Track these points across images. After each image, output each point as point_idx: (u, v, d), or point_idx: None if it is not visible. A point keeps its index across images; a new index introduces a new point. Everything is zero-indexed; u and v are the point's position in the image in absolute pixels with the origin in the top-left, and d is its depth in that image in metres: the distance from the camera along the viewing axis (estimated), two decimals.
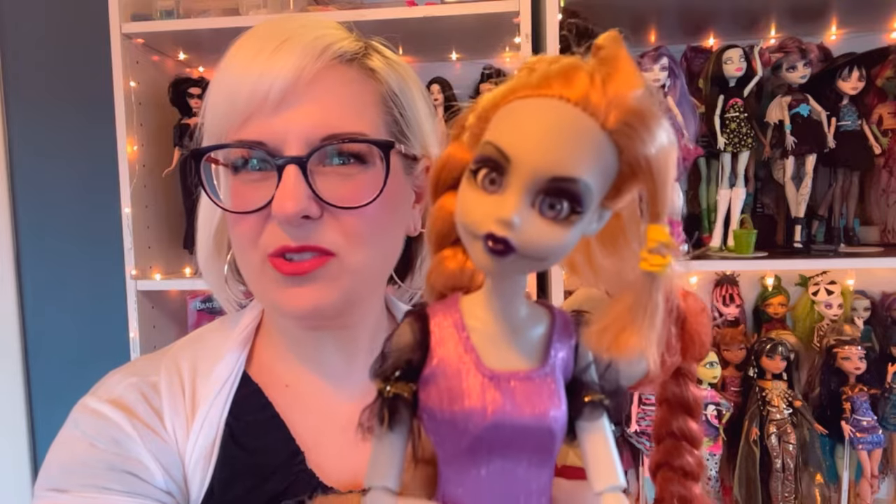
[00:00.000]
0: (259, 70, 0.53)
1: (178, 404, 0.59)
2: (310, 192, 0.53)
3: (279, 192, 0.52)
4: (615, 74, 0.24)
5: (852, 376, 1.26)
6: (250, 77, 0.53)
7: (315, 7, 1.34)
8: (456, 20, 1.21)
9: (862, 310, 1.37)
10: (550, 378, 0.26)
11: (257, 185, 0.54)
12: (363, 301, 0.62)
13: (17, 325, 1.66)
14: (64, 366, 1.65)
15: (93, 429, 0.56)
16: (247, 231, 0.55)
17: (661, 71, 1.18)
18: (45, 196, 1.65)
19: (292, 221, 0.52)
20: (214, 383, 0.61)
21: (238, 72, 0.54)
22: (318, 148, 0.53)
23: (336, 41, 0.56)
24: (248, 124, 0.54)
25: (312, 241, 0.54)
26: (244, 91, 0.53)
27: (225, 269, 0.66)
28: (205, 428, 0.58)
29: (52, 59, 1.63)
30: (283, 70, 0.53)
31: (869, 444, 1.23)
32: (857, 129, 1.27)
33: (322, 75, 0.55)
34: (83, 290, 1.64)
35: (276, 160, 0.53)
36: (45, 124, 1.64)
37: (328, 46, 0.55)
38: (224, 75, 0.56)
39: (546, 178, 0.22)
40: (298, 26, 0.56)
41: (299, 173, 0.52)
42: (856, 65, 1.24)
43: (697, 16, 1.31)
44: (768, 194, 1.40)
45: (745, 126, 1.22)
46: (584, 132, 0.22)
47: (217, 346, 0.64)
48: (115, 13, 1.25)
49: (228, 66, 0.56)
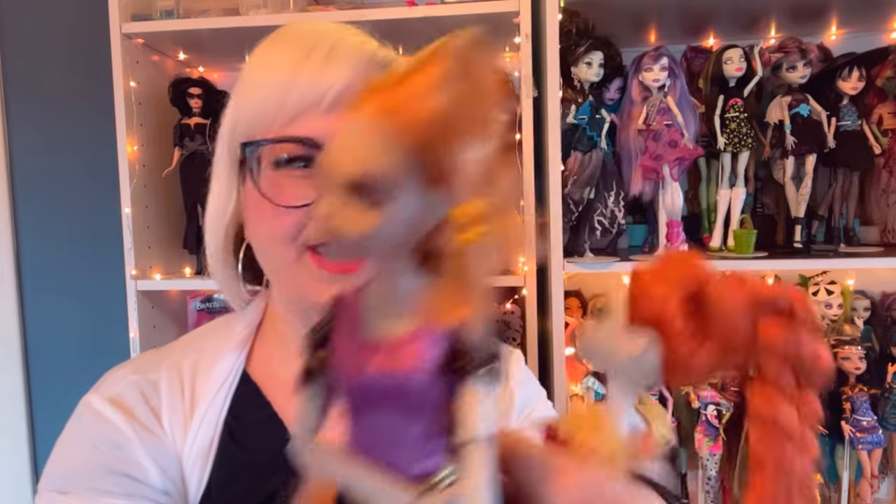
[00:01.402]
0: (314, 71, 0.54)
1: (177, 403, 0.60)
2: None
3: None
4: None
5: (852, 376, 1.26)
6: (304, 77, 0.54)
7: (315, 7, 1.34)
8: (456, 20, 1.21)
9: (862, 310, 1.37)
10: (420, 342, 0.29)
11: (302, 182, 0.56)
12: None
13: (17, 325, 1.66)
14: (64, 366, 1.65)
15: (94, 430, 0.57)
16: (288, 226, 0.56)
17: (661, 71, 1.19)
18: (46, 196, 1.65)
19: None
20: (214, 382, 0.61)
21: (289, 71, 0.55)
22: None
23: (377, 48, 0.58)
24: (297, 121, 0.55)
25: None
26: (297, 90, 0.54)
27: (239, 267, 0.66)
28: (203, 427, 0.59)
29: (52, 59, 1.63)
30: (341, 75, 0.54)
31: (869, 444, 1.23)
32: (857, 129, 1.27)
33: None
34: (83, 290, 1.64)
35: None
36: (46, 124, 1.64)
37: (374, 53, 0.57)
38: (272, 67, 0.56)
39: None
40: (337, 30, 0.57)
41: None
42: (856, 65, 1.24)
43: (697, 16, 1.31)
44: (768, 194, 1.40)
45: (745, 126, 1.22)
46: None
47: (218, 345, 0.65)
48: (115, 13, 1.25)
49: (276, 61, 0.56)
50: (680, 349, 0.35)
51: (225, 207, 0.63)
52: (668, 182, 1.21)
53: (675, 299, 0.36)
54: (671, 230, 1.20)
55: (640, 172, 1.21)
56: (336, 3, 1.33)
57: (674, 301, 0.36)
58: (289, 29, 0.58)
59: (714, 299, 0.35)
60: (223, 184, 0.63)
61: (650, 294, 0.37)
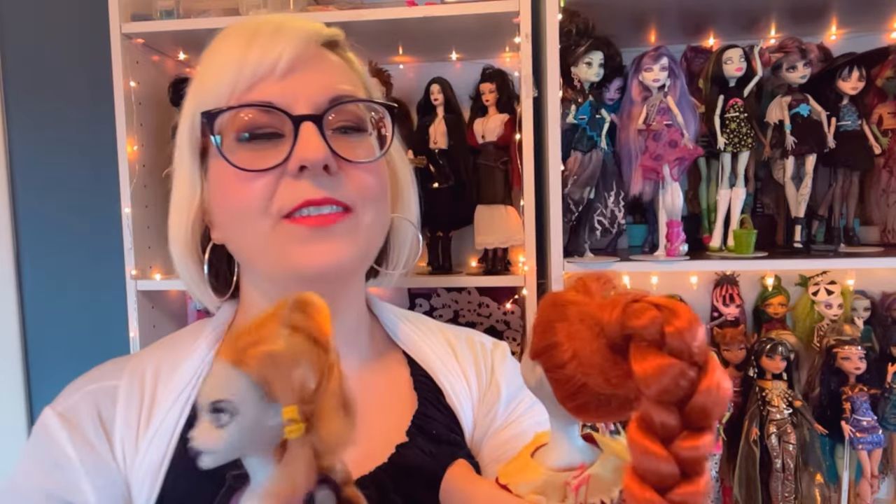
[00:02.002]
0: (263, 45, 0.57)
1: (132, 415, 0.58)
2: (327, 146, 0.55)
3: (301, 143, 0.55)
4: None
5: (852, 376, 1.26)
6: (256, 49, 0.57)
7: (315, 7, 1.34)
8: (456, 20, 1.21)
9: (862, 310, 1.37)
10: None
11: (265, 151, 0.57)
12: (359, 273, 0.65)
13: (17, 325, 1.66)
14: (64, 365, 1.65)
15: (40, 449, 0.57)
16: (257, 193, 0.56)
17: (661, 71, 1.18)
18: (45, 196, 1.65)
19: (316, 170, 0.55)
20: (176, 386, 0.60)
21: (241, 46, 0.57)
22: (330, 107, 0.57)
23: (324, 28, 0.62)
24: (254, 89, 0.57)
25: (334, 195, 0.56)
26: (251, 60, 0.56)
27: (205, 267, 0.65)
28: (155, 441, 0.57)
29: (52, 59, 1.63)
30: (289, 46, 0.57)
31: (869, 444, 1.23)
32: (857, 129, 1.26)
33: (317, 54, 0.60)
34: (83, 290, 1.64)
35: (293, 117, 0.55)
36: (45, 124, 1.64)
37: (319, 30, 0.61)
38: (224, 51, 0.59)
39: None
40: (286, 19, 0.61)
41: (315, 128, 0.55)
42: (856, 65, 1.24)
43: (697, 16, 1.31)
44: (768, 194, 1.40)
45: (745, 126, 1.22)
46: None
47: (185, 348, 0.64)
48: (115, 13, 1.25)
49: (227, 45, 0.59)
50: (563, 379, 0.34)
51: (190, 201, 0.63)
52: (668, 182, 1.21)
53: (572, 331, 0.34)
54: (671, 230, 1.20)
55: (640, 172, 1.21)
56: (336, 3, 1.33)
57: (571, 332, 0.34)
58: (235, 24, 0.61)
59: (579, 337, 0.33)
60: (186, 176, 0.63)
61: (543, 321, 0.37)
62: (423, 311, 1.44)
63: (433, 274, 1.32)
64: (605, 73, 1.21)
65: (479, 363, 0.73)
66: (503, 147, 1.29)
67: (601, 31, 1.22)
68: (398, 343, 0.73)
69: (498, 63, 1.43)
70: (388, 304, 0.77)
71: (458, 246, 1.44)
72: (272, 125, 0.57)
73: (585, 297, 0.35)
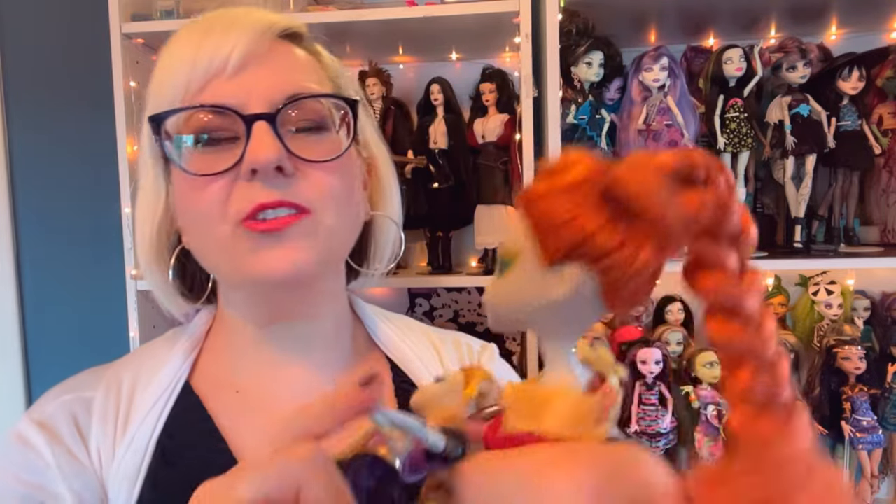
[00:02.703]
0: (215, 41, 0.54)
1: (108, 423, 0.58)
2: (281, 146, 0.53)
3: (252, 144, 0.52)
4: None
5: (852, 376, 1.25)
6: (207, 47, 0.54)
7: (315, 7, 1.34)
8: (456, 20, 1.21)
9: (862, 310, 1.37)
10: None
11: (219, 154, 0.54)
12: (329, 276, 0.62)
13: (17, 324, 1.66)
14: (64, 366, 1.64)
15: (17, 456, 0.56)
16: (213, 198, 0.54)
17: (661, 71, 1.18)
18: (45, 196, 1.65)
19: (268, 172, 0.52)
20: (151, 396, 0.59)
21: (193, 44, 0.55)
22: (285, 105, 0.54)
23: (281, 20, 0.59)
24: (207, 89, 0.54)
25: (288, 197, 0.53)
26: (203, 58, 0.54)
27: (171, 273, 0.64)
28: (132, 449, 0.56)
29: (52, 59, 1.63)
30: (241, 40, 0.54)
31: (869, 444, 1.23)
32: (857, 129, 1.26)
33: (275, 47, 0.57)
34: (83, 290, 1.64)
35: (244, 117, 0.53)
36: (45, 124, 1.64)
37: (275, 22, 0.58)
38: (176, 50, 0.57)
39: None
40: (242, 13, 0.58)
41: (269, 127, 0.52)
42: (856, 65, 1.24)
43: (697, 16, 1.31)
44: (768, 194, 1.40)
45: (745, 126, 1.23)
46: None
47: (162, 356, 0.63)
48: (115, 13, 1.25)
49: (180, 43, 0.57)
50: (617, 264, 0.28)
51: (154, 206, 0.61)
52: None
53: (586, 209, 0.28)
54: None
55: None
56: (336, 3, 1.33)
57: (586, 212, 0.28)
58: (196, 20, 0.59)
59: (625, 189, 0.27)
60: (150, 182, 0.61)
61: (554, 217, 0.29)
62: (423, 311, 1.44)
63: (433, 274, 1.32)
64: (605, 73, 1.21)
65: (464, 364, 0.72)
66: (503, 147, 1.29)
67: (601, 31, 1.22)
68: (378, 344, 0.71)
69: (498, 63, 1.42)
70: (370, 304, 0.75)
71: (458, 246, 1.44)
72: (226, 127, 0.54)
73: (560, 176, 0.30)
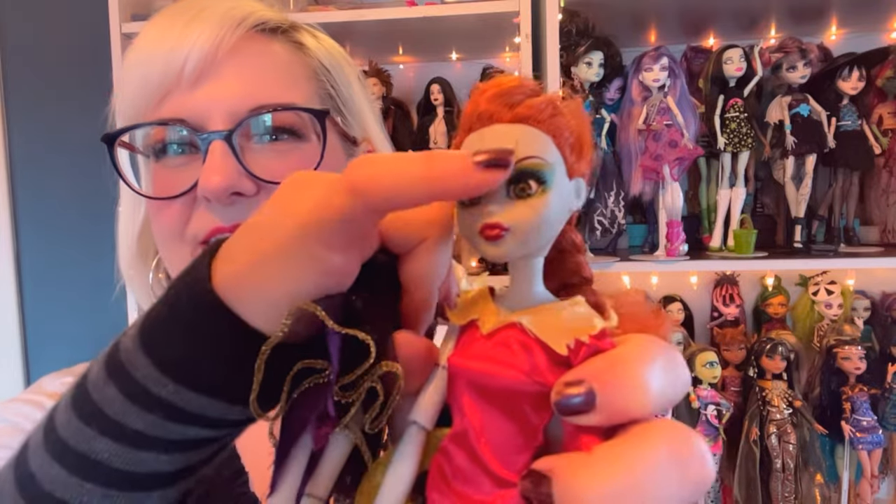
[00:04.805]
0: (171, 44, 0.49)
1: None
2: (239, 167, 0.49)
3: (205, 168, 0.48)
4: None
5: (852, 376, 1.25)
6: (162, 51, 0.49)
7: (315, 7, 1.34)
8: (456, 20, 1.21)
9: (862, 310, 1.37)
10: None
11: (181, 171, 0.50)
12: None
13: (17, 324, 1.66)
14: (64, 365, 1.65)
15: (22, 413, 0.53)
16: (172, 220, 0.51)
17: (661, 71, 1.18)
18: (45, 196, 1.65)
19: (221, 198, 0.48)
20: None
21: (149, 48, 0.50)
22: (245, 119, 0.49)
23: (255, 10, 0.53)
24: (165, 102, 0.50)
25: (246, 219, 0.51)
26: (157, 67, 0.49)
27: (150, 277, 0.62)
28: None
29: (52, 59, 1.63)
30: (199, 41, 0.49)
31: (869, 444, 1.23)
32: (857, 129, 1.27)
33: (243, 46, 0.51)
34: (83, 290, 1.64)
35: (199, 136, 0.49)
36: (45, 124, 1.64)
37: (247, 15, 0.52)
38: (135, 54, 0.52)
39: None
40: (212, 2, 0.52)
41: (226, 148, 0.48)
42: (856, 65, 1.25)
43: (697, 16, 1.31)
44: (768, 194, 1.40)
45: (745, 126, 1.23)
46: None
47: None
48: (115, 13, 1.25)
49: (139, 45, 0.52)
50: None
51: (133, 216, 0.59)
52: (668, 182, 1.21)
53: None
54: (671, 230, 1.20)
55: (640, 172, 1.21)
56: (336, 2, 1.33)
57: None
58: (168, 7, 0.54)
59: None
60: (128, 192, 0.58)
61: (573, 130, 0.28)
62: None
63: None
64: (605, 73, 1.21)
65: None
66: None
67: (601, 31, 1.22)
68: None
69: (498, 63, 1.43)
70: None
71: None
72: (186, 141, 0.50)
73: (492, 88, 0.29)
